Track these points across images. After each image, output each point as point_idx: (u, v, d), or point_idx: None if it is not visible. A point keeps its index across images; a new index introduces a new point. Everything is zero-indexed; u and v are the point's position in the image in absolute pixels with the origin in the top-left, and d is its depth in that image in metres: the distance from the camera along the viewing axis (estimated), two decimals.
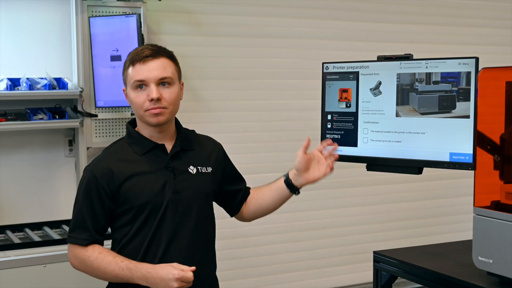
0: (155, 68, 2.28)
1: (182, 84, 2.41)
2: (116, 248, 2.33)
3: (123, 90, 2.39)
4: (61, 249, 3.47)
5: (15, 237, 3.66)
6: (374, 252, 2.68)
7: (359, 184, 4.98)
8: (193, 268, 2.19)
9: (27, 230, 3.78)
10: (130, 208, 2.28)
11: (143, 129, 2.37)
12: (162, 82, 2.28)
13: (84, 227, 2.28)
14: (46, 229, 3.82)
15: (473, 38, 5.31)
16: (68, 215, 4.00)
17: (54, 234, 3.71)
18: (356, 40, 4.92)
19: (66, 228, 3.82)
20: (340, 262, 4.95)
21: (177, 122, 2.44)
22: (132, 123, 2.43)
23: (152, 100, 2.25)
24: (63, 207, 4.09)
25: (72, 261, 2.32)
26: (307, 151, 2.43)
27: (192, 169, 2.37)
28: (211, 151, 2.48)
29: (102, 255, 2.25)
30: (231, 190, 2.55)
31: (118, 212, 2.30)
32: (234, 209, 2.59)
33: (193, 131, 2.52)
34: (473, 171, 2.29)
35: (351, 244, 4.99)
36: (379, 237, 5.04)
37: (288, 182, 2.47)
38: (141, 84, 2.27)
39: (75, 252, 2.29)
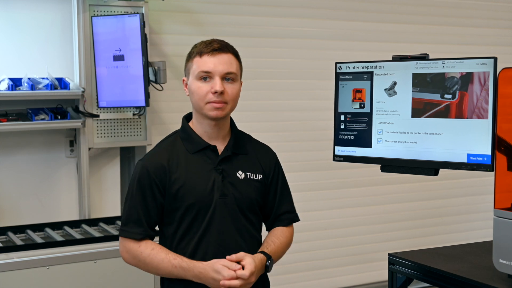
0: (223, 62, 2.29)
1: (241, 83, 2.42)
2: (166, 244, 2.33)
3: (183, 81, 2.38)
4: (64, 251, 3.43)
5: (17, 239, 3.61)
6: (389, 254, 2.64)
7: (361, 184, 4.97)
8: (240, 266, 2.18)
9: (29, 232, 3.73)
10: (179, 206, 2.28)
11: (198, 124, 2.35)
12: (227, 77, 2.30)
13: (138, 221, 2.28)
14: (48, 230, 3.77)
15: (473, 38, 5.31)
16: (69, 217, 4.05)
17: (57, 235, 3.66)
18: (355, 40, 4.91)
19: (68, 229, 3.79)
20: (342, 262, 4.93)
21: (232, 122, 2.44)
22: (187, 118, 2.42)
23: (215, 92, 2.26)
24: (64, 208, 4.05)
25: (124, 255, 2.32)
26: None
27: (241, 174, 2.35)
28: (264, 159, 2.45)
29: (154, 251, 2.25)
30: (270, 206, 2.46)
31: (168, 208, 2.30)
32: (267, 226, 2.51)
33: (250, 136, 2.50)
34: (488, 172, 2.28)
35: (354, 244, 4.97)
36: (381, 237, 5.03)
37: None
38: (206, 76, 2.27)
39: (128, 246, 2.29)
